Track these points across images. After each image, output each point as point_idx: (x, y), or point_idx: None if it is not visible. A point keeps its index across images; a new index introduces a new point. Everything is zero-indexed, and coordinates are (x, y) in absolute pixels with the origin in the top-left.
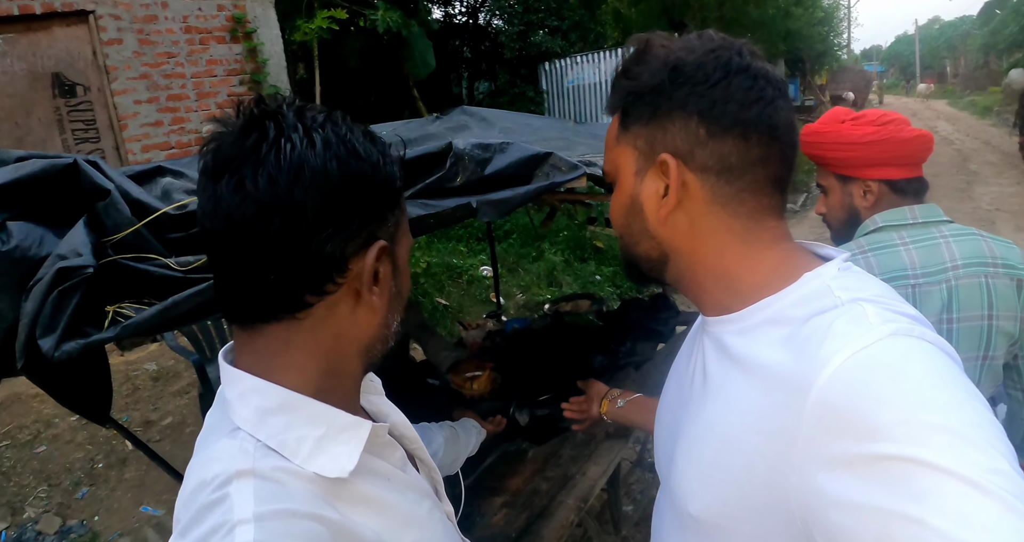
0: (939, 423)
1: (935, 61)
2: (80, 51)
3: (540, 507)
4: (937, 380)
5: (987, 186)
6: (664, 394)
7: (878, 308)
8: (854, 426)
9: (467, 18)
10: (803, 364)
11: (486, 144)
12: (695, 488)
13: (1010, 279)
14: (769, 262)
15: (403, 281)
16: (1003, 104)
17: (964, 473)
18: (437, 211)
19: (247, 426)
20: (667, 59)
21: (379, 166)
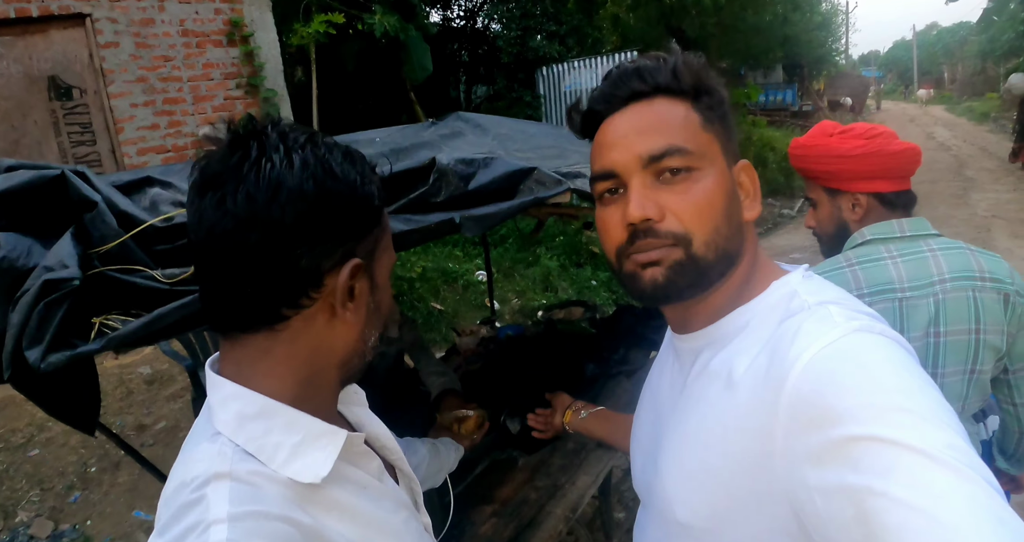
0: (899, 405)
1: (933, 67)
2: (77, 54)
3: (529, 517)
4: (896, 369)
5: (983, 192)
6: (639, 412)
7: (842, 308)
8: (823, 414)
9: (465, 22)
10: (776, 364)
11: (469, 159)
12: (682, 495)
13: (997, 293)
14: (741, 270)
15: (382, 297)
16: (1000, 110)
17: (923, 448)
18: (420, 226)
19: (227, 431)
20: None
21: (356, 186)
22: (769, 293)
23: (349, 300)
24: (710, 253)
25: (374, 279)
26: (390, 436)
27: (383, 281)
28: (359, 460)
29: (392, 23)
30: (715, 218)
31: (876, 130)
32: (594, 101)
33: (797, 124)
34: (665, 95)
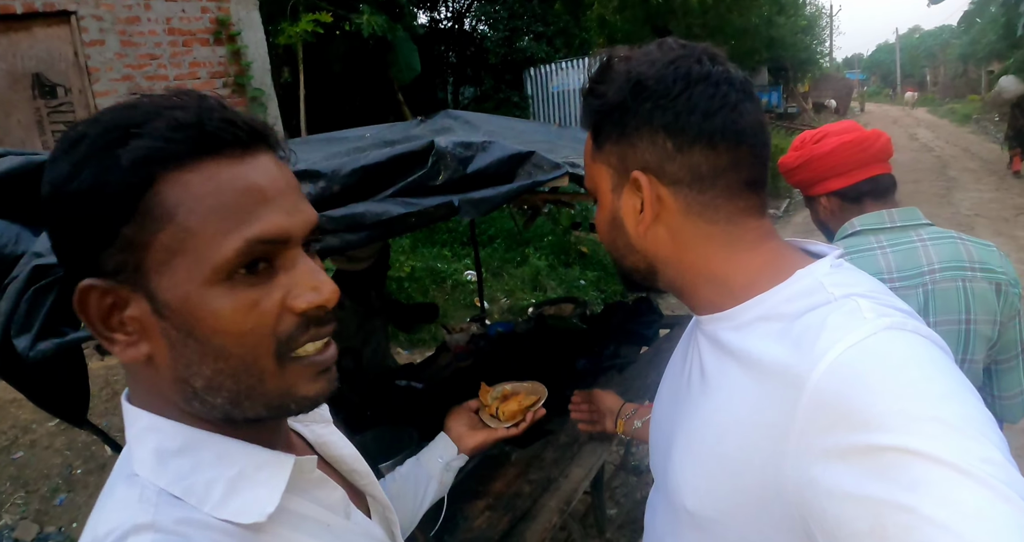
0: (931, 414)
1: (915, 69)
2: (61, 52)
3: (523, 510)
4: (929, 372)
5: (966, 192)
6: (659, 394)
7: (872, 303)
8: (848, 417)
9: (452, 23)
10: (798, 358)
11: (468, 143)
12: (691, 482)
13: (989, 283)
14: (756, 261)
15: (190, 320)
16: (982, 112)
17: (956, 462)
18: (418, 209)
19: (146, 471)
20: (628, 75)
21: (60, 183)
22: (791, 282)
23: (116, 332)
24: (619, 267)
25: (157, 298)
26: (358, 457)
27: (184, 297)
28: (317, 491)
29: (380, 23)
30: (604, 242)
31: (805, 137)
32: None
33: (783, 126)
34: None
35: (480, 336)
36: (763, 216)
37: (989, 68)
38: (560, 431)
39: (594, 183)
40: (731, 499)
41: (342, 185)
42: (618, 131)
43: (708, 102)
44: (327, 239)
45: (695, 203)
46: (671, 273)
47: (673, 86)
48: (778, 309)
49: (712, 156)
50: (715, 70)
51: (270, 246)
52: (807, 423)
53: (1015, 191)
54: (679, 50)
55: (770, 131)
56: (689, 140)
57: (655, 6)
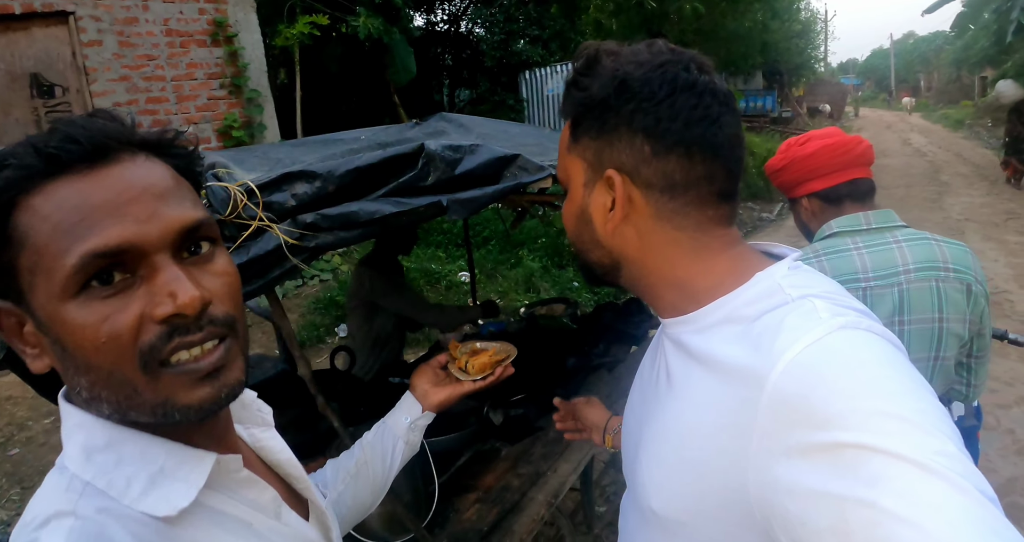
0: (888, 410)
1: (910, 75)
2: (59, 52)
3: (511, 503)
4: (885, 370)
5: (957, 196)
6: (630, 398)
7: (827, 303)
8: (807, 416)
9: (449, 26)
10: (757, 359)
11: (456, 146)
12: (657, 484)
13: (960, 283)
14: (720, 267)
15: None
16: (974, 117)
17: (913, 456)
18: (409, 209)
19: (73, 466)
20: (615, 72)
21: None
22: (751, 285)
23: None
24: (581, 259)
25: (36, 315)
26: (295, 463)
27: (49, 314)
28: (243, 490)
29: (376, 26)
30: (570, 234)
31: (792, 141)
32: None
33: (777, 130)
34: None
35: (472, 335)
36: (731, 225)
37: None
38: (549, 427)
39: (567, 174)
40: (696, 501)
41: (337, 185)
42: (597, 127)
43: (691, 111)
44: (322, 236)
45: (665, 209)
46: (635, 272)
47: (658, 90)
48: (739, 312)
49: (687, 165)
50: (701, 79)
51: (115, 258)
52: (768, 423)
53: (1005, 196)
54: (668, 55)
55: (746, 145)
56: (667, 147)
57: (650, 11)
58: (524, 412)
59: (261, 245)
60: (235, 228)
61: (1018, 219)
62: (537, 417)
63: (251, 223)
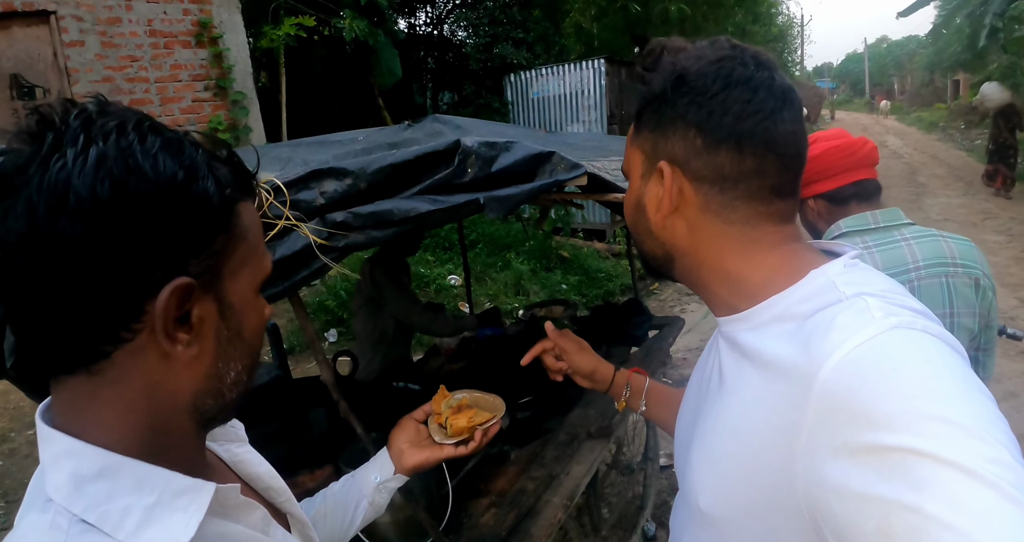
0: (939, 414)
1: (884, 78)
2: (40, 52)
3: (528, 506)
4: (938, 371)
5: (935, 197)
6: (685, 395)
7: (881, 302)
8: (856, 417)
9: (432, 29)
10: (807, 357)
11: (492, 143)
12: (706, 482)
13: (968, 278)
14: (769, 263)
15: (243, 322)
16: (948, 120)
17: (962, 462)
18: (445, 207)
19: (60, 497)
20: (674, 67)
21: (178, 184)
22: (805, 282)
23: (179, 330)
24: (638, 249)
25: (225, 300)
26: (274, 475)
27: (243, 301)
28: (237, 513)
29: (361, 28)
30: (629, 224)
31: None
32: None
33: None
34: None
35: (470, 339)
36: (786, 222)
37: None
38: (559, 429)
39: (628, 166)
40: (745, 499)
41: (369, 182)
42: (655, 120)
43: (742, 106)
44: (353, 236)
45: (714, 202)
46: (687, 264)
47: (712, 85)
48: (792, 309)
49: (738, 159)
50: (758, 75)
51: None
52: (816, 422)
53: (981, 196)
54: (728, 51)
55: (807, 142)
56: (718, 140)
57: (633, 14)
58: (531, 414)
59: (288, 245)
60: None
61: (995, 219)
62: (545, 419)
63: (277, 222)
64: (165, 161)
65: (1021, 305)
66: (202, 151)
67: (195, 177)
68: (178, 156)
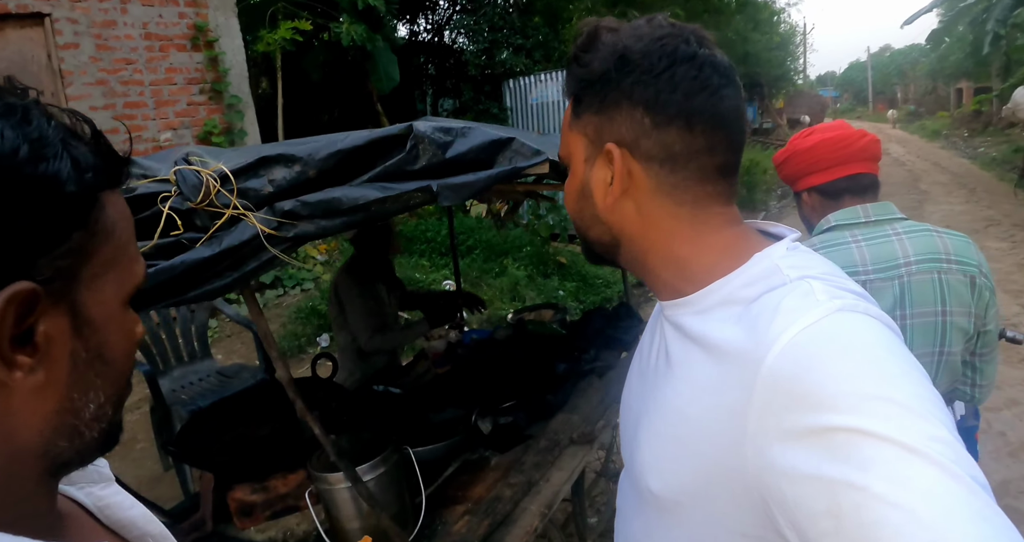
0: (882, 394)
1: (887, 87)
2: (34, 54)
3: (503, 514)
4: (881, 353)
5: (937, 204)
6: (628, 379)
7: (825, 285)
8: (802, 399)
9: (432, 35)
10: (754, 341)
11: (447, 128)
12: (655, 464)
13: (964, 275)
14: (717, 246)
15: (105, 340)
16: (951, 128)
17: (906, 441)
18: (396, 194)
19: None
20: (615, 47)
21: (20, 161)
22: (750, 266)
23: (19, 352)
24: (581, 236)
25: (82, 313)
26: (151, 518)
27: (106, 314)
28: None
29: (359, 33)
30: (571, 211)
31: (798, 135)
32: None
33: (758, 141)
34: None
35: (458, 343)
36: (730, 203)
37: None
38: (540, 435)
39: (568, 151)
40: (693, 481)
41: (318, 169)
42: (598, 102)
43: (690, 83)
44: (302, 225)
45: (665, 183)
46: (635, 250)
47: (658, 63)
48: (737, 293)
49: (687, 137)
50: (701, 52)
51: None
52: (763, 405)
53: (984, 203)
54: (668, 28)
55: (747, 120)
56: (667, 118)
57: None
58: (514, 420)
59: (236, 235)
60: (207, 217)
61: (998, 226)
62: (528, 425)
63: (224, 211)
64: (3, 131)
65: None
66: (56, 125)
67: (43, 155)
68: (21, 126)
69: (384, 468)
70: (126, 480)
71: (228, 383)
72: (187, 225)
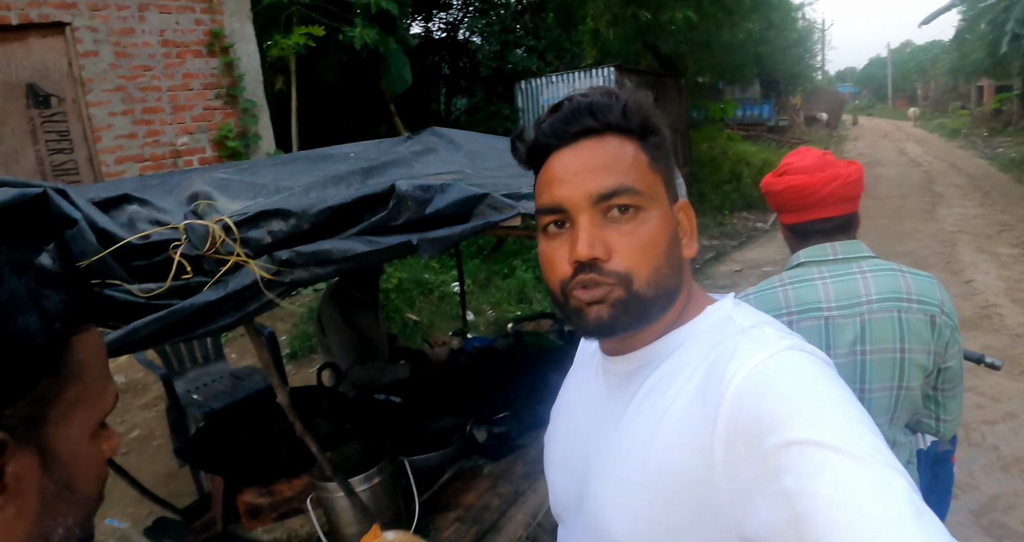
0: (828, 412)
1: (907, 84)
2: (55, 62)
3: (490, 522)
4: (826, 383)
5: (951, 207)
6: (554, 433)
7: (775, 330)
8: (761, 422)
9: (446, 35)
10: (715, 379)
11: (427, 185)
12: (618, 512)
13: (924, 315)
14: (691, 297)
15: (73, 473)
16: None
17: (851, 450)
18: (380, 248)
19: None
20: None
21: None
22: (704, 316)
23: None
24: (650, 291)
25: (49, 451)
26: None
27: (74, 448)
28: None
29: (372, 36)
30: (657, 258)
31: (781, 169)
32: (543, 135)
33: (773, 139)
34: (615, 133)
35: (459, 351)
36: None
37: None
38: (530, 445)
39: (650, 192)
40: (664, 522)
41: (311, 223)
42: (666, 156)
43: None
44: (297, 272)
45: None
46: (675, 302)
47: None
48: (696, 339)
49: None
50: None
51: None
52: (728, 434)
53: (998, 207)
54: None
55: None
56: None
57: (644, 22)
58: (507, 429)
59: (239, 280)
60: (214, 263)
61: (1011, 231)
62: (519, 435)
63: (229, 258)
64: None
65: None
66: (28, 278)
67: (11, 314)
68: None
69: (380, 478)
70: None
71: (240, 385)
72: (196, 269)
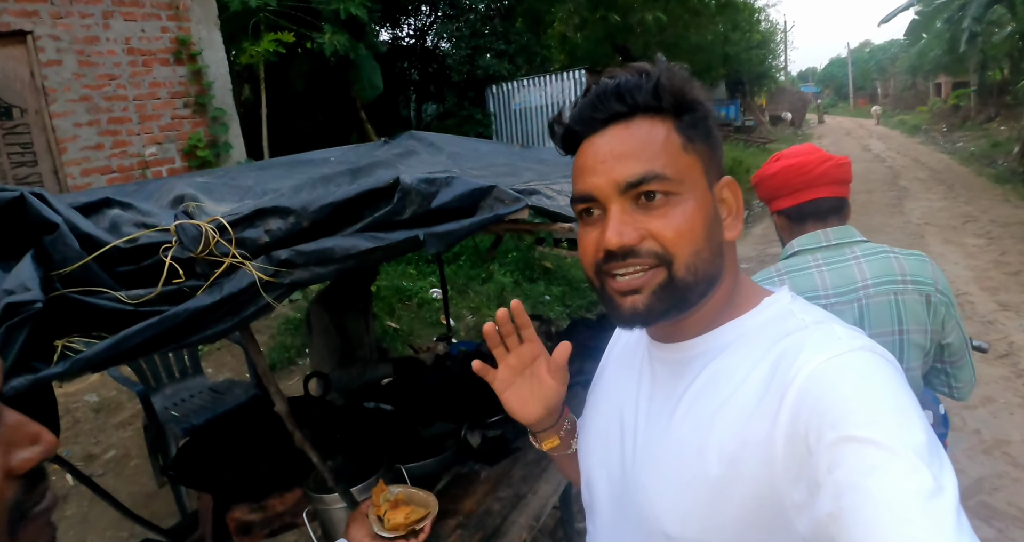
0: (892, 416)
1: (867, 82)
2: (17, 72)
3: (493, 527)
4: (893, 386)
5: (917, 201)
6: (593, 423)
7: (844, 327)
8: (824, 417)
9: (415, 41)
10: (781, 374)
11: (432, 178)
12: (672, 507)
13: (919, 295)
14: (741, 285)
15: None
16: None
17: (907, 455)
18: (385, 244)
19: None
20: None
21: None
22: (761, 309)
23: None
24: (690, 276)
25: None
26: None
27: None
28: None
29: (342, 42)
30: (695, 242)
31: (771, 159)
32: (573, 121)
33: (740, 139)
34: (646, 114)
35: (446, 356)
36: None
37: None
38: (527, 448)
39: (681, 176)
40: (719, 517)
41: (312, 221)
42: (707, 134)
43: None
44: (297, 273)
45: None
46: (720, 287)
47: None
48: (755, 332)
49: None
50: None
51: None
52: (790, 428)
53: (962, 199)
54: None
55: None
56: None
57: (614, 24)
58: (502, 433)
59: (235, 282)
60: (207, 265)
61: (975, 222)
62: (515, 437)
63: (224, 260)
64: None
65: (1000, 309)
66: None
67: None
68: None
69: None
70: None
71: (220, 399)
72: (188, 273)
